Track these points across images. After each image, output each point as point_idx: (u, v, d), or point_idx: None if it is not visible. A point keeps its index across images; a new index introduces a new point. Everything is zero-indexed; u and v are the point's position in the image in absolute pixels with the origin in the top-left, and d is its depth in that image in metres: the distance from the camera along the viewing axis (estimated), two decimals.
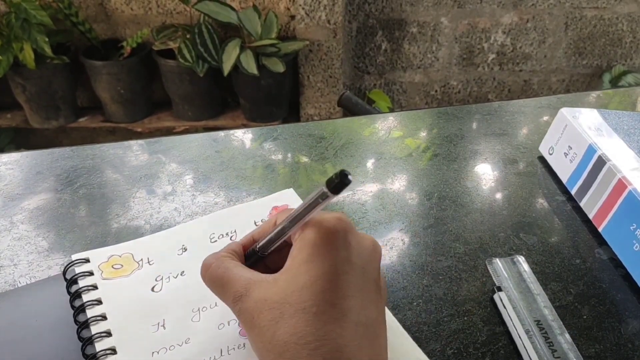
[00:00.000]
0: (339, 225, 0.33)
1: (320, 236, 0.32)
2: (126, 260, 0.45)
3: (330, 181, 0.30)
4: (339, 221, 0.33)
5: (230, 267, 0.34)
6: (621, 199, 0.47)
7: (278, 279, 0.32)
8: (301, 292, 0.31)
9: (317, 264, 0.31)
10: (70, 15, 1.86)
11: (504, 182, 0.57)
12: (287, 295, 0.31)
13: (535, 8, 2.09)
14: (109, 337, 0.39)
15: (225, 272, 0.34)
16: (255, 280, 0.33)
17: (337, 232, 0.33)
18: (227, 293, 0.33)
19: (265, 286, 0.32)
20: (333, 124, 0.68)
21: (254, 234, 0.38)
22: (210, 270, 0.35)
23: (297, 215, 0.33)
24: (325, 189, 0.30)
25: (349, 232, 0.33)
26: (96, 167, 0.58)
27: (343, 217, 0.34)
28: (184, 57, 1.86)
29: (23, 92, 1.97)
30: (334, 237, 0.32)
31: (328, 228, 0.33)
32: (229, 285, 0.33)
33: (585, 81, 2.29)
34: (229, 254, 0.36)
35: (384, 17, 2.07)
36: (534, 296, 0.43)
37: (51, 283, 0.44)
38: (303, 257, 0.32)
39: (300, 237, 0.33)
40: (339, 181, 0.29)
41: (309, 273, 0.31)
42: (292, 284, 0.31)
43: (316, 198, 0.31)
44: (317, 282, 0.31)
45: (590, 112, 0.58)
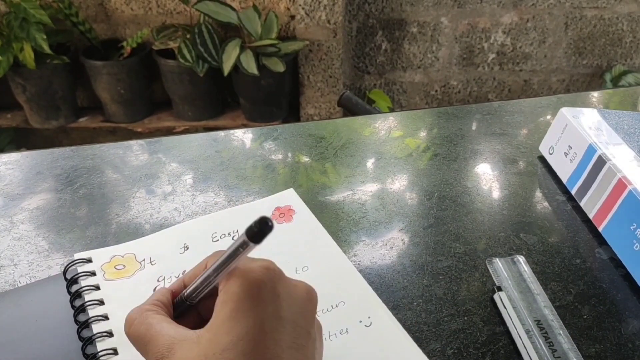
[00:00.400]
0: (265, 276, 0.30)
1: (245, 289, 0.29)
2: (128, 261, 0.45)
3: (249, 230, 0.27)
4: (266, 271, 0.30)
5: (154, 323, 0.31)
6: (621, 199, 0.47)
7: (201, 337, 0.29)
8: (222, 356, 0.28)
9: (240, 322, 0.28)
10: (70, 15, 1.86)
11: (504, 182, 0.57)
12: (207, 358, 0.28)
13: (535, 8, 2.08)
14: (111, 338, 0.39)
15: (148, 329, 0.31)
16: (178, 340, 0.30)
17: (264, 284, 0.30)
18: (149, 353, 0.31)
19: (188, 347, 0.29)
20: (333, 123, 0.68)
21: (185, 278, 0.35)
22: (133, 327, 0.32)
23: (220, 263, 0.30)
24: (245, 238, 0.28)
25: (277, 282, 0.30)
26: (96, 167, 0.58)
27: (271, 266, 0.31)
28: (184, 57, 1.86)
29: (23, 92, 1.97)
30: (260, 289, 0.29)
31: (253, 279, 0.30)
32: (151, 344, 0.30)
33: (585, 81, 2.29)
34: (154, 306, 0.33)
35: (384, 17, 2.07)
36: (534, 296, 0.43)
37: (51, 283, 0.44)
38: (226, 313, 0.29)
39: (224, 289, 0.30)
40: (258, 230, 0.27)
41: (232, 332, 0.28)
42: (214, 344, 0.28)
43: (237, 247, 0.29)
44: (239, 344, 0.28)
45: (590, 112, 0.58)
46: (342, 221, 0.51)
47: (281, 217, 0.50)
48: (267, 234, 0.27)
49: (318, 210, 0.52)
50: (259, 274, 0.30)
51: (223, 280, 0.31)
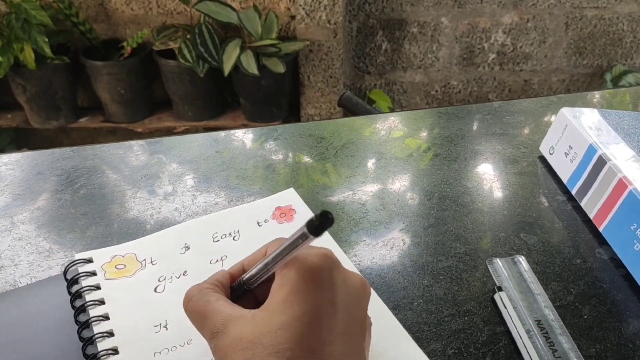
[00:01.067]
0: (323, 263, 0.31)
1: (302, 274, 0.30)
2: (129, 261, 0.45)
3: (310, 223, 0.28)
4: (324, 258, 0.31)
5: (211, 300, 0.32)
6: (622, 199, 0.47)
7: (256, 316, 0.30)
8: (277, 333, 0.28)
9: (296, 304, 0.29)
10: (70, 16, 1.86)
11: (505, 182, 0.57)
12: (262, 335, 0.29)
13: (536, 8, 2.08)
14: (111, 337, 0.39)
15: (205, 305, 0.32)
16: (234, 317, 0.31)
17: (322, 270, 0.30)
18: (205, 328, 0.32)
19: (243, 323, 0.30)
20: (333, 124, 0.68)
21: (244, 262, 0.36)
22: (191, 303, 0.33)
23: (279, 252, 0.31)
24: (305, 230, 0.28)
25: (334, 270, 0.31)
26: (96, 168, 0.58)
27: (329, 254, 0.31)
28: (184, 57, 1.86)
29: (23, 92, 1.97)
30: (318, 275, 0.30)
31: (312, 265, 0.30)
32: (208, 320, 0.31)
33: (585, 81, 2.29)
34: (213, 285, 0.34)
35: (384, 17, 2.07)
36: (535, 296, 0.43)
37: (52, 283, 0.44)
38: (282, 295, 0.30)
39: (282, 274, 0.31)
40: (319, 223, 0.28)
41: (288, 313, 0.29)
42: (269, 323, 0.29)
43: (297, 238, 0.29)
44: (294, 324, 0.28)
45: (590, 112, 0.58)
46: (342, 221, 0.51)
47: (282, 217, 0.50)
48: (327, 228, 0.28)
49: (318, 210, 0.52)
50: (317, 260, 0.31)
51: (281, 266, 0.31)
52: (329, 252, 0.32)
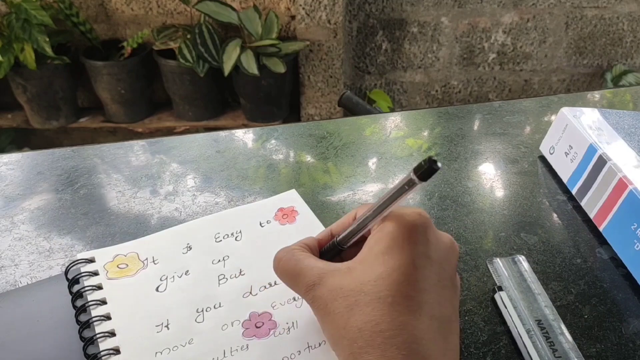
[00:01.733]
0: (419, 220, 0.33)
1: (400, 229, 0.32)
2: (131, 260, 0.45)
3: (418, 168, 0.29)
4: (419, 216, 0.33)
5: (302, 258, 0.34)
6: (622, 199, 0.47)
7: (353, 268, 0.32)
8: (377, 282, 0.31)
9: (394, 256, 0.31)
10: (71, 16, 1.86)
11: (505, 182, 0.57)
12: (362, 284, 0.31)
13: (536, 7, 2.08)
14: (113, 337, 0.39)
15: (297, 263, 0.34)
16: (328, 270, 0.33)
17: (417, 227, 0.33)
18: (299, 284, 0.34)
19: (340, 275, 0.32)
20: (334, 123, 0.68)
21: (332, 228, 0.38)
22: (282, 263, 0.35)
23: (381, 204, 0.33)
24: (413, 176, 0.29)
25: (428, 228, 0.33)
26: (97, 168, 0.58)
27: (423, 213, 0.34)
28: (185, 58, 1.86)
29: (24, 92, 1.97)
30: (414, 231, 0.32)
31: (408, 222, 0.33)
32: (302, 275, 0.33)
33: (585, 81, 2.29)
34: (300, 247, 0.36)
35: (384, 17, 2.07)
36: (535, 296, 0.43)
37: (52, 283, 0.44)
38: (380, 248, 0.32)
39: (379, 229, 0.33)
40: (427, 167, 0.28)
41: (386, 264, 0.31)
42: (368, 273, 0.31)
43: (403, 185, 0.30)
44: (393, 274, 0.31)
45: (591, 112, 0.58)
46: None
47: (284, 219, 0.50)
48: (434, 173, 0.29)
49: (319, 210, 0.52)
50: (413, 217, 0.33)
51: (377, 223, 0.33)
52: (422, 211, 0.34)
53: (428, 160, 0.28)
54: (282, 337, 0.39)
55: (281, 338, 0.39)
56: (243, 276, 0.44)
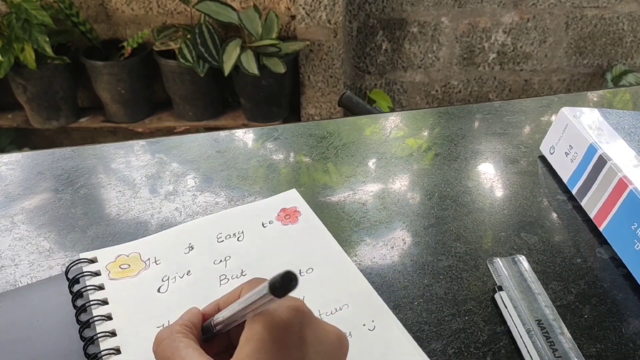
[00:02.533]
0: (293, 318, 0.28)
1: (269, 330, 0.28)
2: (133, 260, 0.45)
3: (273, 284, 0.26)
4: (294, 313, 0.28)
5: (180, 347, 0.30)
6: (622, 199, 0.47)
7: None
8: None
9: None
10: (71, 16, 1.86)
11: (505, 182, 0.57)
12: None
13: (536, 7, 2.08)
14: (114, 337, 0.39)
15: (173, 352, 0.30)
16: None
17: (290, 326, 0.28)
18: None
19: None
20: (334, 123, 0.68)
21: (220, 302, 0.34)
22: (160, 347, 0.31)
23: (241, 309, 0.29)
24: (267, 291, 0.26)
25: (305, 325, 0.29)
26: (97, 167, 0.58)
27: (300, 307, 0.29)
28: (185, 57, 1.86)
29: (24, 92, 1.97)
30: (286, 332, 0.28)
31: (279, 321, 0.28)
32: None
33: (586, 81, 2.29)
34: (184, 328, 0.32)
35: (384, 17, 2.07)
36: (535, 295, 0.43)
37: (53, 282, 0.44)
38: (248, 351, 0.28)
39: (249, 326, 0.29)
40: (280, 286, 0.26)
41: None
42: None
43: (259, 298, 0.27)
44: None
45: (591, 112, 0.58)
46: (343, 221, 0.51)
47: (287, 219, 0.50)
48: (291, 290, 0.26)
49: (319, 210, 0.52)
50: (286, 315, 0.28)
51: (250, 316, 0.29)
52: (300, 304, 0.29)
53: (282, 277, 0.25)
54: None
55: None
56: (245, 276, 0.44)
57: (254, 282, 0.32)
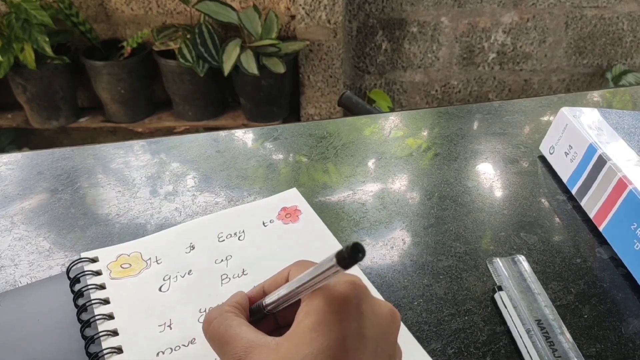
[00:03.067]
0: (351, 292, 0.29)
1: (330, 303, 0.29)
2: (134, 260, 0.45)
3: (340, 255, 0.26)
4: (352, 287, 0.30)
5: (233, 325, 0.31)
6: (622, 199, 0.47)
7: (280, 345, 0.29)
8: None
9: (322, 335, 0.28)
10: (70, 16, 1.86)
11: (505, 182, 0.58)
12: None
13: (536, 7, 2.08)
14: (116, 337, 0.39)
15: (227, 329, 0.31)
16: (257, 344, 0.30)
17: (349, 300, 0.29)
18: (226, 354, 0.31)
19: (266, 352, 0.29)
20: (334, 123, 0.68)
21: (265, 285, 0.35)
22: (212, 326, 0.32)
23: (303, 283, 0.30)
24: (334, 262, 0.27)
25: (363, 299, 0.30)
26: (97, 167, 0.58)
27: (357, 282, 0.30)
28: (185, 57, 1.86)
29: (24, 92, 1.97)
30: (345, 305, 0.29)
31: (339, 294, 0.29)
32: (229, 345, 0.31)
33: (585, 80, 2.29)
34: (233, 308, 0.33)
35: (384, 17, 2.07)
36: (535, 295, 0.43)
37: (53, 282, 0.44)
38: (308, 324, 0.29)
39: (308, 300, 0.30)
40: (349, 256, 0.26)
41: (313, 345, 0.28)
42: (293, 354, 0.28)
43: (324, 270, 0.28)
44: (320, 357, 0.27)
45: (590, 112, 0.58)
46: (342, 221, 0.52)
47: (287, 218, 0.50)
48: (358, 262, 0.26)
49: (319, 210, 0.52)
50: (345, 289, 0.29)
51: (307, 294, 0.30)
52: (357, 279, 0.30)
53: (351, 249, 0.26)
54: None
55: None
56: (246, 276, 0.44)
57: (301, 264, 0.33)
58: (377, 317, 0.30)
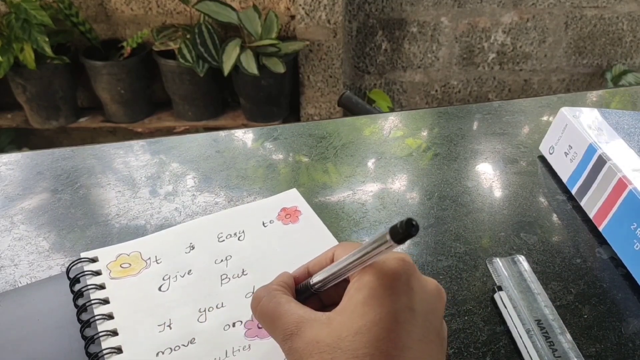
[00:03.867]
0: (401, 268, 0.30)
1: (381, 278, 0.30)
2: (134, 259, 0.45)
3: (394, 230, 0.27)
4: (402, 263, 0.31)
5: (282, 302, 0.32)
6: (621, 199, 0.47)
7: (332, 319, 0.30)
8: (355, 338, 0.28)
9: (375, 308, 0.29)
10: (70, 16, 1.86)
11: (505, 182, 0.58)
12: (340, 340, 0.28)
13: (536, 7, 2.08)
14: (115, 337, 0.39)
15: (276, 307, 0.32)
16: (307, 319, 0.31)
17: (399, 275, 0.30)
18: (277, 329, 0.32)
19: (318, 326, 0.30)
20: (333, 123, 0.68)
21: (309, 265, 0.36)
22: (261, 304, 0.33)
23: (356, 258, 0.30)
24: (388, 238, 0.27)
25: (412, 275, 0.31)
26: (96, 167, 0.58)
27: (407, 259, 0.31)
28: (184, 57, 1.86)
29: (23, 92, 1.97)
30: (396, 280, 0.30)
31: (389, 270, 0.30)
32: (280, 321, 0.31)
33: (585, 80, 2.29)
34: (280, 287, 0.34)
35: (384, 17, 2.07)
36: (535, 296, 0.43)
37: (53, 282, 0.44)
38: (360, 298, 0.30)
39: (358, 277, 0.31)
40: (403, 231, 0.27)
41: (366, 317, 0.29)
42: (347, 326, 0.29)
43: (378, 245, 0.29)
44: (373, 329, 0.28)
45: (590, 112, 0.58)
46: (342, 221, 0.52)
47: (287, 218, 0.50)
48: (411, 236, 0.27)
49: (319, 210, 0.52)
50: (395, 265, 0.30)
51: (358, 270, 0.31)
52: (406, 256, 0.31)
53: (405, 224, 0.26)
54: None
55: None
56: (246, 276, 0.44)
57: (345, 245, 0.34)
58: (425, 293, 0.31)
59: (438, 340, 0.31)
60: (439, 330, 0.31)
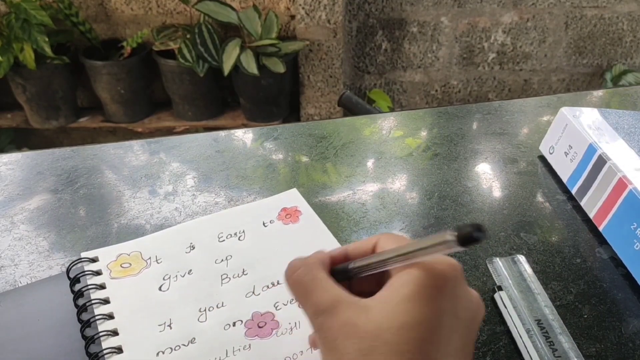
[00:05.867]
0: (450, 273, 0.29)
1: (430, 278, 0.29)
2: (134, 259, 0.45)
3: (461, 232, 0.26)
4: (452, 268, 0.29)
5: (319, 277, 0.31)
6: (622, 199, 0.47)
7: (371, 307, 0.29)
8: (399, 332, 0.27)
9: (421, 307, 0.28)
10: (70, 16, 1.86)
11: (505, 182, 0.58)
12: (382, 331, 0.28)
13: (536, 7, 2.08)
14: (116, 336, 0.39)
15: (313, 280, 0.31)
16: (344, 300, 0.30)
17: (448, 280, 0.29)
18: (309, 302, 0.31)
19: (356, 310, 0.29)
20: (333, 123, 0.68)
21: (349, 249, 0.35)
22: (296, 274, 0.32)
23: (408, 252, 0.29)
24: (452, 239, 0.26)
25: (459, 282, 0.30)
26: (96, 167, 0.58)
27: (457, 265, 0.30)
28: (184, 57, 1.86)
29: (23, 92, 1.97)
30: (444, 284, 0.29)
31: (439, 272, 0.29)
32: (315, 295, 0.31)
33: (585, 80, 2.29)
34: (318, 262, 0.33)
35: (384, 17, 2.07)
36: (535, 295, 0.43)
37: (53, 282, 0.44)
38: (405, 293, 0.28)
39: (405, 271, 0.29)
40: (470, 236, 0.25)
41: (411, 313, 0.28)
42: (389, 319, 0.28)
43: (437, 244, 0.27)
44: (418, 327, 0.27)
45: (590, 112, 0.58)
46: (342, 221, 0.52)
47: (287, 218, 0.50)
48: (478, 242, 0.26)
49: (319, 210, 0.52)
50: (445, 268, 0.29)
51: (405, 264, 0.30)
52: (456, 262, 0.30)
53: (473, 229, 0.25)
54: (285, 337, 0.39)
55: (283, 338, 0.39)
56: (246, 276, 0.44)
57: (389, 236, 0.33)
58: (469, 302, 0.30)
59: (471, 353, 0.30)
60: (474, 341, 0.31)
